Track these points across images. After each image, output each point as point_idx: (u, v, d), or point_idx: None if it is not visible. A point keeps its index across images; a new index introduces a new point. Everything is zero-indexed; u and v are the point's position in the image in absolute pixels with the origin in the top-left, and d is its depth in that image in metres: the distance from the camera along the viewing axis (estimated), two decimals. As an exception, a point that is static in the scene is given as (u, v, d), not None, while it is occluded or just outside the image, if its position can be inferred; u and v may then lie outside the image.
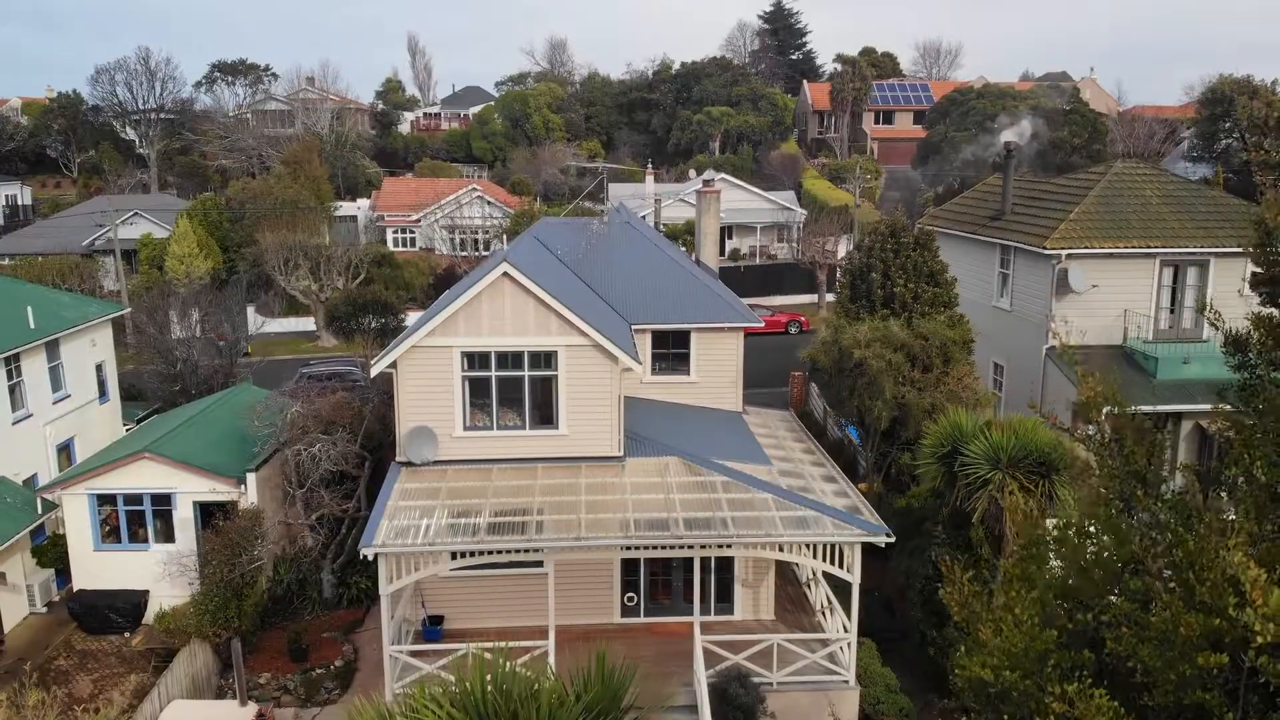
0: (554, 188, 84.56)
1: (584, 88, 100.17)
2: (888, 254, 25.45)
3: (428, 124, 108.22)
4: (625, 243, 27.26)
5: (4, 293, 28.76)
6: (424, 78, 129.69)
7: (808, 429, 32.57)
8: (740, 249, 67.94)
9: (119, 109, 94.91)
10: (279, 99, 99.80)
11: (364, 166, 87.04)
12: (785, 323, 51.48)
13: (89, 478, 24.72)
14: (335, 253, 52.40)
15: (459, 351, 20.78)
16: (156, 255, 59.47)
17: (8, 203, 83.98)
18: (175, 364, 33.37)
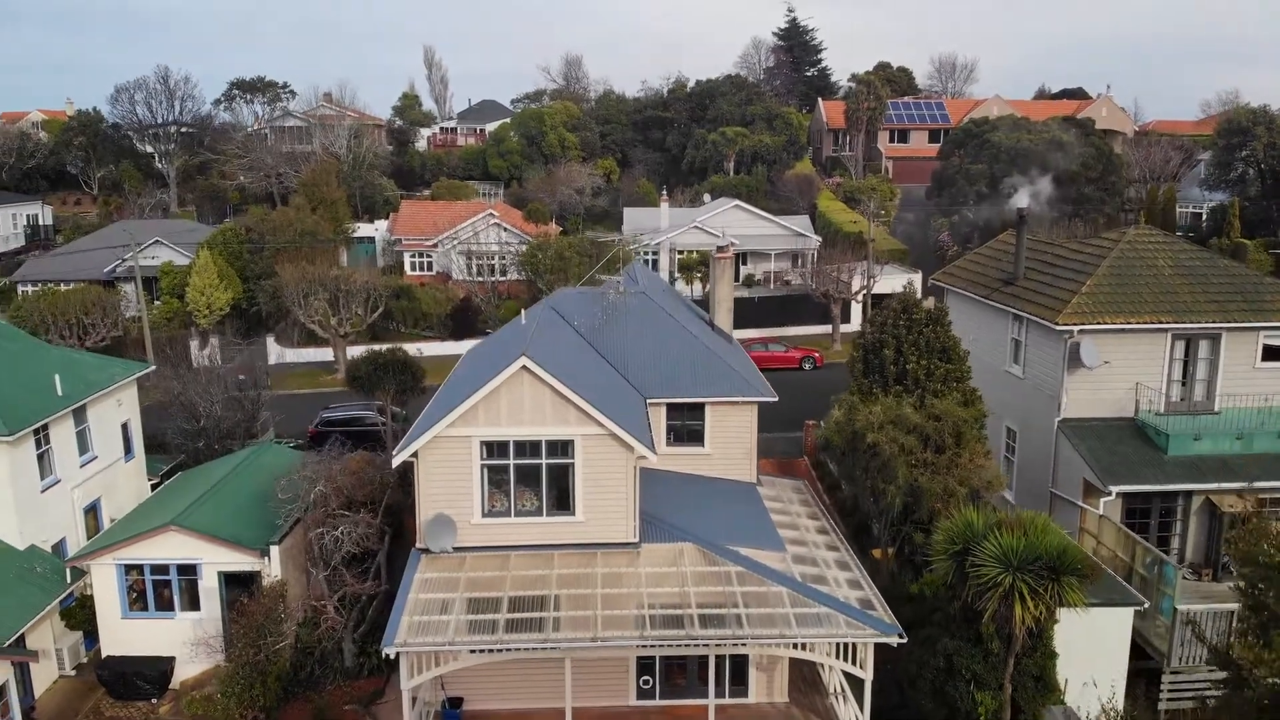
0: (569, 207, 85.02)
1: (599, 105, 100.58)
2: (900, 330, 25.73)
3: (444, 139, 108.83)
4: (641, 312, 27.61)
5: (32, 358, 29.35)
6: (440, 90, 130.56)
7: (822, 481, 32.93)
8: (754, 275, 68.18)
9: (138, 125, 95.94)
10: (297, 115, 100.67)
11: (382, 186, 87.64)
12: (799, 358, 51.63)
13: (117, 548, 25.30)
14: (354, 286, 52.90)
15: (478, 441, 21.23)
16: (177, 284, 60.25)
17: (29, 222, 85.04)
18: (199, 419, 33.90)
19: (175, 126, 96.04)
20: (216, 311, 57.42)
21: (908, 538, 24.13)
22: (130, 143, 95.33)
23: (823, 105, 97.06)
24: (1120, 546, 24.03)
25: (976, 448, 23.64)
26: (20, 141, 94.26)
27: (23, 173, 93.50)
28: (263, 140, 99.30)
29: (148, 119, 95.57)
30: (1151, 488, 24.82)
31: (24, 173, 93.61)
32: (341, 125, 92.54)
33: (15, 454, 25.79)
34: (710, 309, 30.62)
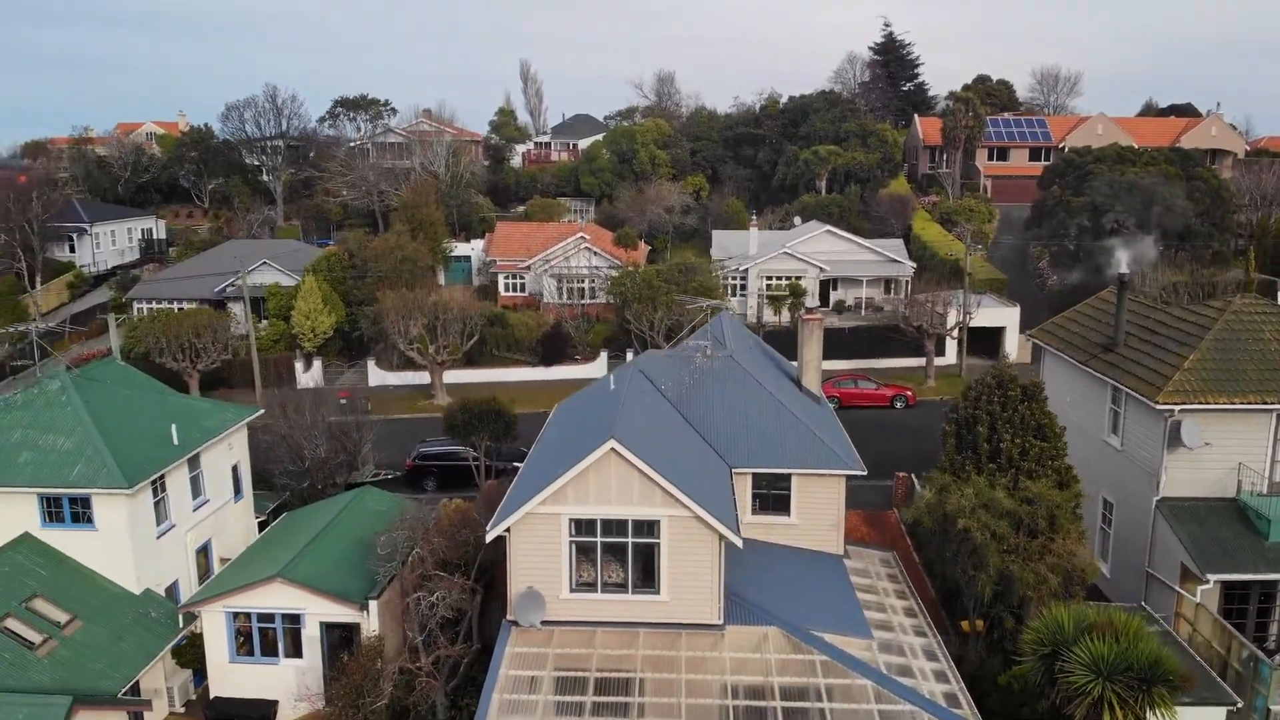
0: (658, 226, 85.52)
1: (690, 122, 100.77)
2: (995, 406, 25.38)
3: (538, 155, 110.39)
4: (727, 377, 27.85)
5: (150, 406, 31.07)
6: (535, 103, 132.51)
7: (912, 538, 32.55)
8: (845, 300, 67.63)
9: (247, 139, 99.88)
10: (397, 131, 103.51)
11: (478, 205, 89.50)
12: (890, 397, 50.95)
13: (227, 597, 26.74)
14: (451, 314, 54.28)
15: (567, 518, 21.80)
16: (284, 306, 62.63)
17: (144, 236, 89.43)
18: (304, 460, 35.39)
19: (282, 140, 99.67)
20: (320, 335, 59.58)
21: (998, 619, 23.84)
22: (240, 157, 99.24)
23: (919, 121, 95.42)
24: (1216, 638, 23.34)
25: (1071, 532, 23.24)
26: (136, 156, 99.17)
27: (138, 186, 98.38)
28: (364, 155, 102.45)
29: (256, 134, 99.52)
30: (1251, 576, 24.04)
31: (139, 186, 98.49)
32: (440, 142, 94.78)
33: (134, 504, 27.42)
34: (798, 368, 30.66)
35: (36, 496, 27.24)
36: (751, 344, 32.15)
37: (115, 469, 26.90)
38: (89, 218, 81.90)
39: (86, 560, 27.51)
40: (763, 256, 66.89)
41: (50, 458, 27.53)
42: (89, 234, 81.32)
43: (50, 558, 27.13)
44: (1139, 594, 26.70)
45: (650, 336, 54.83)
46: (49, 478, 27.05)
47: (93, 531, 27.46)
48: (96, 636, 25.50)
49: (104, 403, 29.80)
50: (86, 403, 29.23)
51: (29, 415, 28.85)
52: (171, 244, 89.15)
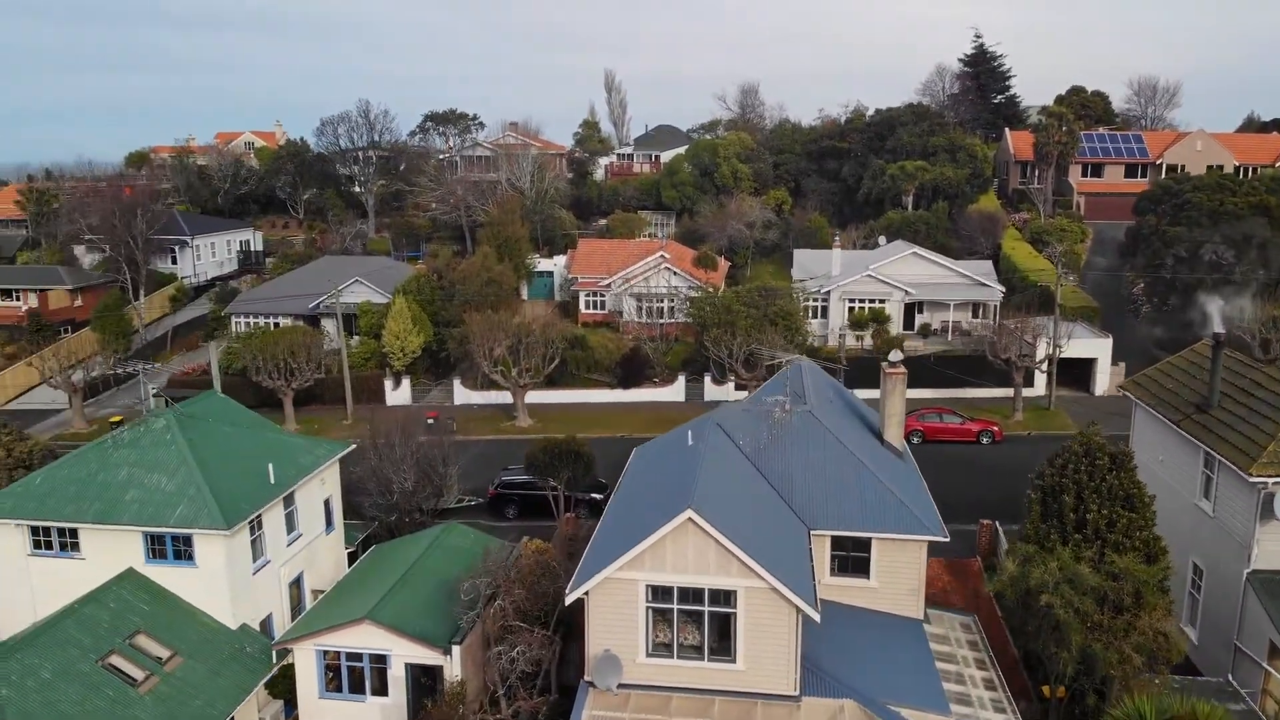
0: (739, 241, 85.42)
1: (773, 135, 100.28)
2: (1082, 476, 24.87)
3: (620, 168, 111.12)
4: (806, 433, 27.84)
5: (250, 445, 32.39)
6: (619, 113, 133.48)
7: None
8: (930, 324, 66.61)
9: (340, 150, 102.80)
10: (485, 145, 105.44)
11: (561, 220, 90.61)
12: (977, 432, 50.02)
13: (317, 635, 27.80)
14: (534, 338, 55.17)
15: (644, 584, 22.15)
16: (374, 325, 64.45)
17: (242, 248, 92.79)
18: (392, 494, 36.49)
19: (373, 151, 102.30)
20: (409, 354, 61.19)
21: (1080, 692, 23.45)
22: (334, 169, 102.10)
23: (1010, 135, 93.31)
24: (1312, 723, 22.58)
25: (1157, 608, 22.71)
26: (235, 168, 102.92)
27: (236, 197, 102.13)
28: (452, 168, 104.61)
29: (349, 146, 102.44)
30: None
31: (238, 198, 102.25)
32: (526, 156, 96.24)
33: (232, 544, 28.71)
34: (880, 420, 30.49)
35: (141, 534, 28.71)
36: (832, 394, 32.01)
37: (215, 510, 28.19)
38: (190, 230, 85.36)
39: (187, 595, 28.90)
40: (846, 278, 66.30)
41: (155, 497, 28.98)
42: (190, 246, 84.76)
43: (153, 593, 28.58)
44: (1226, 666, 25.95)
45: (728, 363, 54.90)
46: (153, 517, 28.47)
47: (193, 569, 28.83)
48: (195, 672, 26.80)
49: (206, 441, 31.21)
50: (189, 441, 30.66)
51: (136, 453, 30.40)
52: (269, 254, 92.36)
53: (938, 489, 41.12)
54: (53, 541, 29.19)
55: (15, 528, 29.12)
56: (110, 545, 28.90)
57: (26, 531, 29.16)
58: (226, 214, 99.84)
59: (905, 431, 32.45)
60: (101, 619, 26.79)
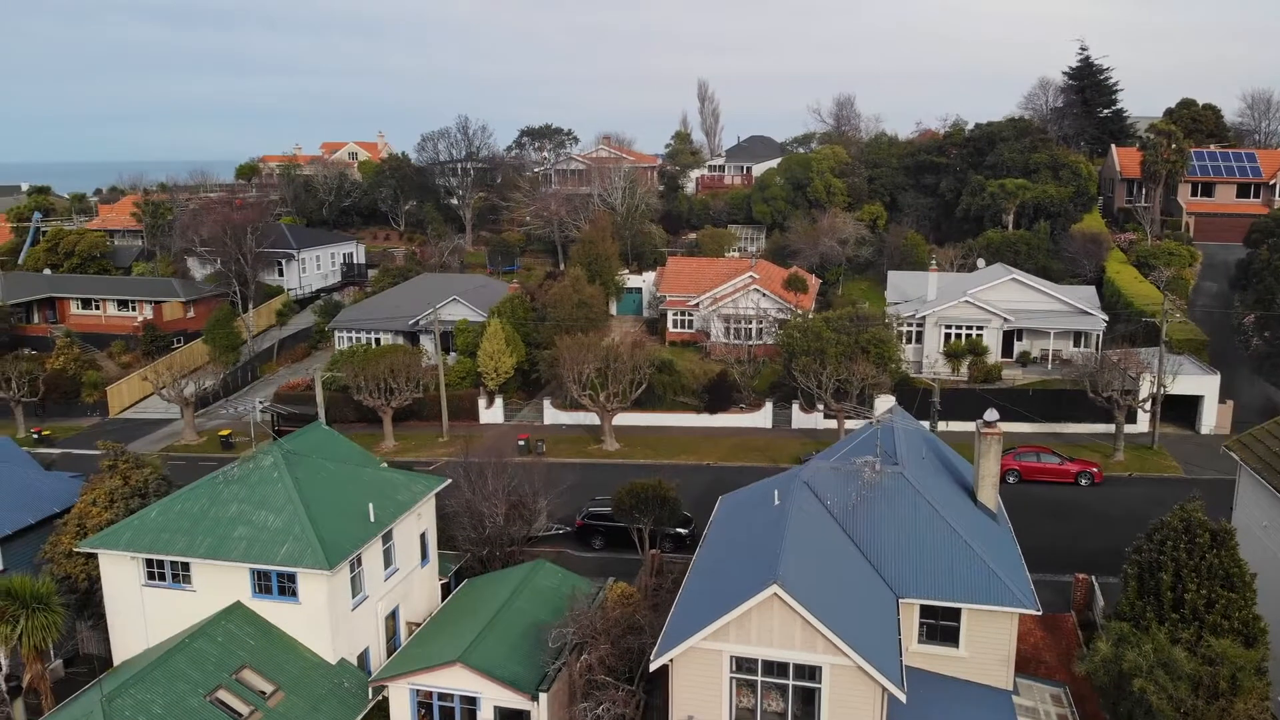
0: (831, 259, 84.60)
1: (869, 148, 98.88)
2: (1180, 554, 24.11)
3: (711, 180, 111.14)
4: (896, 495, 27.62)
5: (351, 483, 33.58)
6: (711, 123, 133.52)
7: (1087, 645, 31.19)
8: (1030, 352, 64.94)
9: (438, 163, 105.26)
10: (578, 159, 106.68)
11: (651, 235, 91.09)
12: (1075, 473, 48.56)
13: (412, 675, 28.84)
14: (622, 363, 55.68)
15: (729, 655, 22.38)
16: (470, 343, 65.91)
17: (345, 260, 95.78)
18: (484, 528, 37.41)
19: (470, 163, 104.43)
20: (503, 374, 62.43)
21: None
22: (433, 182, 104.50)
23: (1116, 152, 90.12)
24: None
25: (1253, 694, 21.91)
26: (339, 181, 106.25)
27: (340, 210, 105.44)
28: (546, 182, 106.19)
29: (447, 157, 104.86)
30: None
31: (341, 210, 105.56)
32: (618, 171, 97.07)
33: (334, 582, 29.86)
34: (974, 479, 30.04)
35: (249, 570, 30.08)
36: (924, 449, 31.58)
37: (319, 551, 29.36)
38: (297, 244, 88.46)
39: (290, 629, 30.18)
40: (942, 303, 65.04)
41: (262, 535, 30.32)
42: (296, 259, 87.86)
43: (258, 627, 29.94)
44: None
45: (817, 393, 54.51)
46: (260, 555, 29.81)
47: (296, 604, 30.08)
48: (296, 708, 28.01)
49: (311, 479, 32.50)
50: (295, 480, 31.99)
51: (245, 490, 31.85)
52: (371, 266, 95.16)
53: (1032, 534, 40.52)
54: (166, 573, 30.77)
55: (131, 559, 30.81)
56: (219, 579, 30.34)
57: (142, 563, 30.82)
58: (331, 225, 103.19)
59: (1001, 470, 31.81)
60: (210, 653, 28.22)
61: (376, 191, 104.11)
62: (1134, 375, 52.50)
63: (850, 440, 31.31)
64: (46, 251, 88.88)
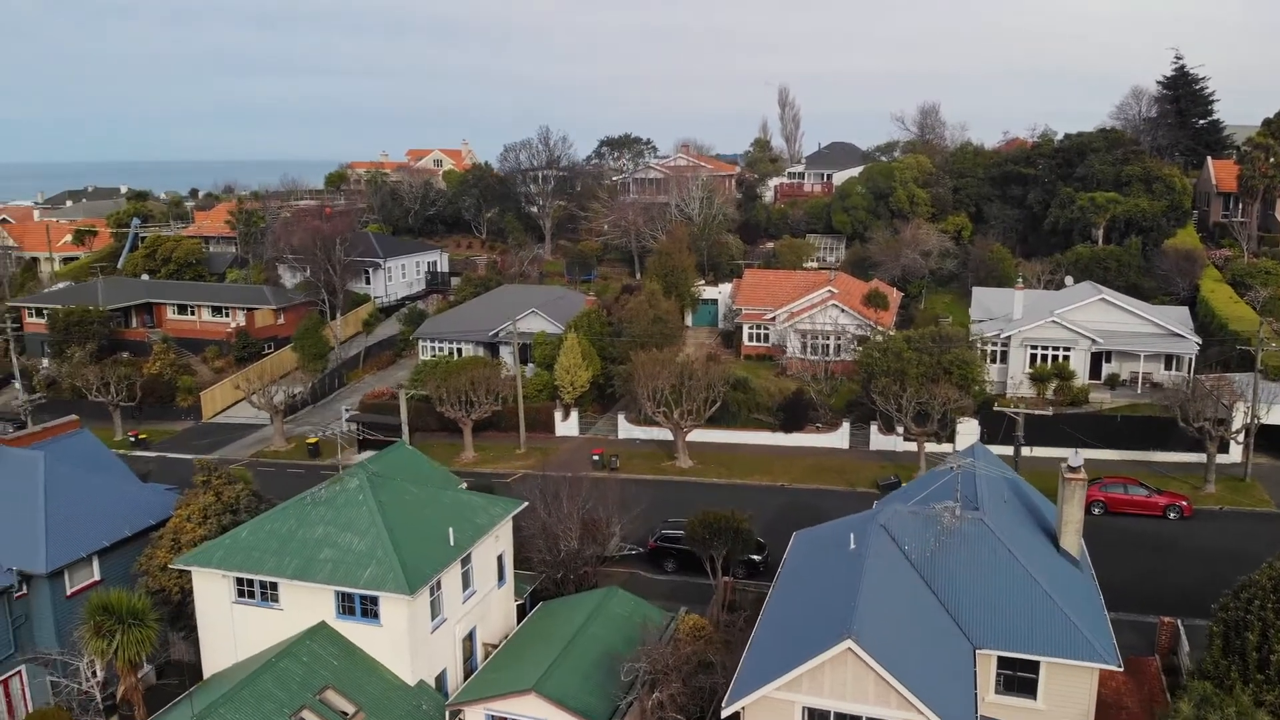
0: (913, 271, 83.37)
1: (954, 158, 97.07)
2: (1268, 613, 23.30)
3: (790, 189, 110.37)
4: (976, 542, 27.25)
5: (432, 505, 34.37)
6: (791, 129, 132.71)
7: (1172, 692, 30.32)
8: (1118, 374, 63.08)
9: (520, 170, 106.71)
10: (655, 167, 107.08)
11: (728, 245, 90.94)
12: (1163, 506, 47.07)
13: (488, 701, 29.46)
14: (696, 381, 55.77)
15: (801, 707, 22.40)
16: (548, 355, 66.75)
17: (429, 269, 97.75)
18: (559, 553, 37.97)
19: (552, 170, 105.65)
20: (579, 388, 63.10)
21: None
22: (514, 191, 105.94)
23: (1211, 164, 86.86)
24: None
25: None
26: (425, 190, 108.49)
27: (425, 219, 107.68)
28: (625, 190, 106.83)
29: (528, 165, 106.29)
30: None
31: (426, 218, 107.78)
32: (696, 181, 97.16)
33: (414, 607, 30.65)
34: (1057, 524, 29.45)
35: (334, 592, 31.05)
36: (1006, 492, 31.01)
37: (401, 576, 30.15)
38: (383, 253, 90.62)
39: (371, 650, 31.05)
40: (1028, 323, 63.54)
41: (347, 557, 31.26)
42: (382, 268, 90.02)
43: (341, 647, 30.88)
44: None
45: (896, 416, 53.83)
46: (344, 577, 30.73)
47: (378, 626, 30.95)
48: (377, 730, 28.84)
49: (394, 502, 33.39)
50: (379, 503, 32.88)
51: (332, 512, 32.86)
52: (455, 274, 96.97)
53: (1116, 570, 39.53)
54: (255, 592, 31.94)
55: (223, 577, 32.06)
56: (306, 599, 31.38)
57: (232, 581, 32.05)
58: (416, 233, 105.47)
59: (1086, 501, 31.07)
60: (295, 673, 29.23)
61: (460, 200, 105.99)
62: (1227, 404, 50.68)
63: (929, 482, 30.94)
64: (145, 257, 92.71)
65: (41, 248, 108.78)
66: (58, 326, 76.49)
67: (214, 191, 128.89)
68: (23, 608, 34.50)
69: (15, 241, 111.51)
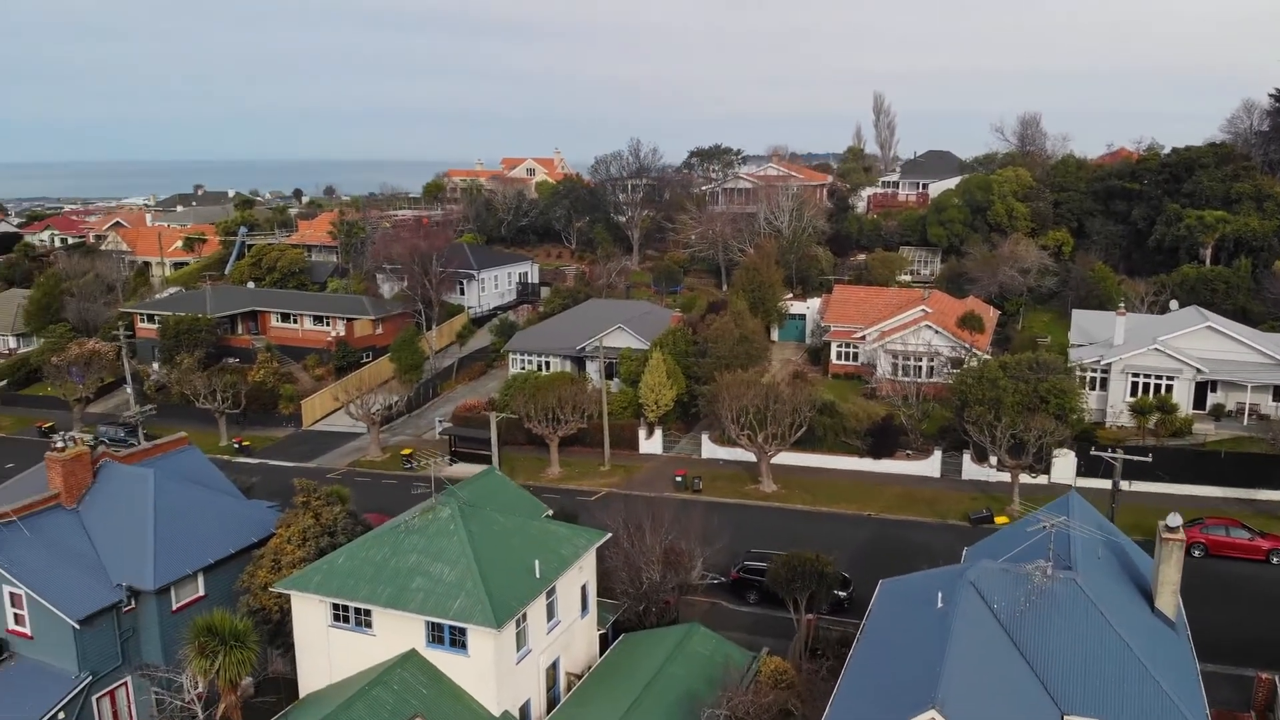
0: (1010, 289, 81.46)
1: (1055, 171, 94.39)
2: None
3: (883, 198, 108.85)
4: (1067, 602, 26.60)
5: (519, 538, 35.06)
6: (886, 135, 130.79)
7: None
8: (1224, 404, 60.59)
9: (609, 180, 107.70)
10: (744, 177, 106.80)
11: (816, 258, 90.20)
12: (1267, 550, 45.12)
13: (568, 737, 29.96)
14: (781, 404, 55.48)
15: (882, 770, 22.25)
16: (633, 372, 67.27)
17: (520, 279, 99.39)
18: (641, 584, 38.34)
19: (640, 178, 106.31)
20: (663, 407, 63.45)
21: None
22: (604, 201, 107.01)
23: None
24: None
25: None
26: (518, 201, 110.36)
27: (518, 229, 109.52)
28: (713, 199, 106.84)
29: (618, 175, 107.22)
30: None
31: (519, 229, 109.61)
32: (786, 192, 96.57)
33: (500, 639, 31.35)
34: (1153, 584, 28.58)
35: (424, 621, 31.98)
36: (1100, 550, 30.15)
37: (488, 609, 30.86)
38: (477, 265, 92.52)
39: (459, 679, 31.87)
40: (1130, 350, 61.44)
41: (438, 588, 32.15)
42: (476, 279, 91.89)
43: (430, 676, 31.77)
44: None
45: (990, 448, 52.70)
46: (434, 608, 31.61)
47: (465, 657, 31.76)
48: (463, 760, 29.63)
49: (483, 533, 34.16)
50: (469, 534, 33.67)
51: (424, 541, 33.82)
52: (545, 283, 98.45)
53: (1214, 618, 38.15)
54: (349, 617, 33.09)
55: (320, 602, 33.30)
56: (398, 626, 32.37)
57: (329, 606, 33.26)
58: (508, 242, 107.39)
59: (1186, 543, 30.01)
60: (386, 701, 30.20)
61: (551, 211, 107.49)
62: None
63: (1021, 534, 30.30)
64: (251, 265, 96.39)
65: (153, 253, 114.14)
66: (168, 333, 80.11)
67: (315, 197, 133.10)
68: (130, 621, 36.27)
69: (129, 246, 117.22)
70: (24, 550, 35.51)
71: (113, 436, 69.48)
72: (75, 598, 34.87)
